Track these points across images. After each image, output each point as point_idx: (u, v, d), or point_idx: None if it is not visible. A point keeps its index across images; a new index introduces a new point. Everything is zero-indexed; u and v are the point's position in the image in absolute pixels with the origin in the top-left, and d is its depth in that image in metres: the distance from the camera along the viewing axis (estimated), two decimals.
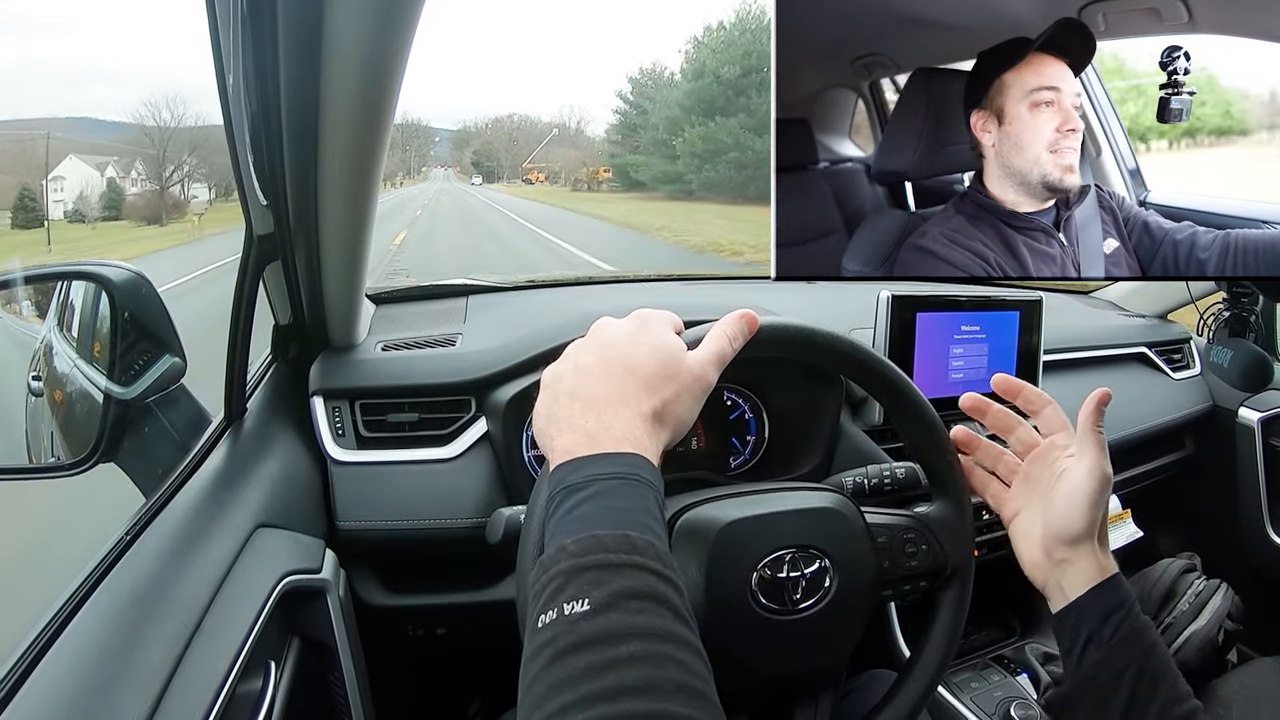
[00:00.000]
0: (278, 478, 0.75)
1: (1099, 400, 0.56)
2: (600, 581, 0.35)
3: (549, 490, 0.41)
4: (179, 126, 38.52)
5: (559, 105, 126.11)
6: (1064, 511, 0.55)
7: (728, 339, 0.50)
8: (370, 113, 0.60)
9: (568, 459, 0.42)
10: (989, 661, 1.09)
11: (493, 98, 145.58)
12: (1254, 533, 1.33)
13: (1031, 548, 0.57)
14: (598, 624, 0.34)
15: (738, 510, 0.57)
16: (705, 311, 0.59)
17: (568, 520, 0.39)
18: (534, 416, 0.48)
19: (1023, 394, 0.60)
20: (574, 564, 0.36)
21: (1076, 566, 0.54)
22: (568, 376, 0.46)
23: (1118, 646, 0.51)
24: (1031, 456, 0.59)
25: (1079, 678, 0.52)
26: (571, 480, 0.40)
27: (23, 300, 0.84)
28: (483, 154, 72.78)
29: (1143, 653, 0.51)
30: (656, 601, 0.36)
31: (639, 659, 0.33)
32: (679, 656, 0.34)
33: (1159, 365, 1.36)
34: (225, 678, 0.51)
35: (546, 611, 0.35)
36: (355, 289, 0.84)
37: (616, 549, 0.37)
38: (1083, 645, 0.53)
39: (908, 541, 0.61)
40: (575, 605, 0.35)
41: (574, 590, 0.35)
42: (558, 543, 0.38)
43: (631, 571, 0.36)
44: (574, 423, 0.44)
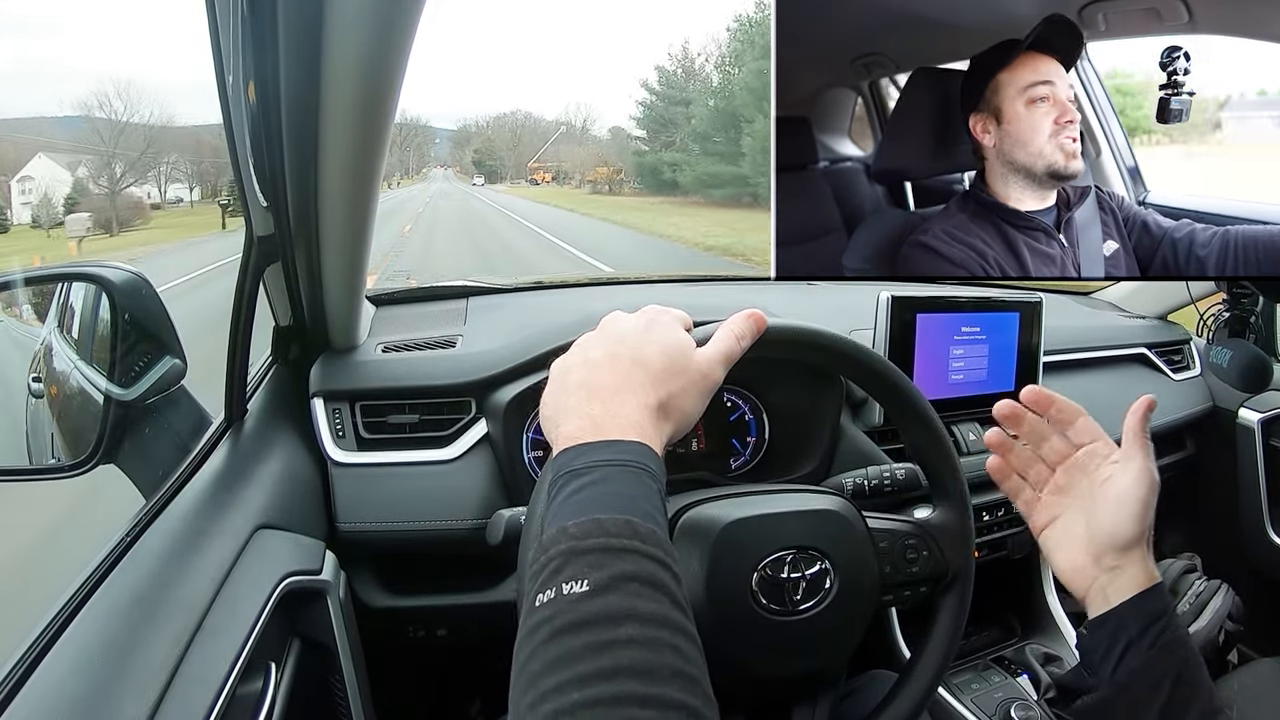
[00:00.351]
0: (278, 479, 0.75)
1: (1146, 407, 0.56)
2: (600, 564, 0.35)
3: (552, 475, 0.41)
4: (142, 122, 33.53)
5: (564, 102, 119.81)
6: (1114, 517, 0.54)
7: (735, 338, 0.51)
8: (370, 114, 0.60)
9: (571, 444, 0.42)
10: (989, 662, 1.09)
11: (494, 95, 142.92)
12: (1254, 533, 1.33)
13: (1074, 555, 0.56)
14: (597, 605, 0.34)
15: (739, 510, 0.57)
16: (709, 312, 0.59)
17: (570, 504, 0.39)
18: (541, 406, 0.48)
19: (1055, 405, 0.60)
20: (574, 545, 0.36)
21: (1126, 573, 0.53)
22: (576, 368, 0.47)
23: (1158, 655, 0.50)
24: (1068, 465, 0.58)
25: (1115, 684, 0.51)
26: (575, 465, 0.40)
27: (22, 302, 0.84)
28: (484, 153, 69.28)
29: (1180, 661, 0.50)
30: (656, 587, 0.35)
31: (637, 642, 0.33)
32: (676, 643, 0.34)
33: (1159, 366, 1.36)
34: (225, 679, 0.51)
35: (545, 590, 0.35)
36: (355, 290, 0.84)
37: (618, 533, 0.36)
38: (1121, 652, 0.52)
39: (909, 547, 0.61)
40: (574, 585, 0.34)
41: (573, 571, 0.35)
42: (558, 525, 0.38)
43: (632, 556, 0.36)
44: (580, 410, 0.44)
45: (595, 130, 64.07)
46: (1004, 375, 1.06)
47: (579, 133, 64.57)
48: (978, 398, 1.04)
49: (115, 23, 39.38)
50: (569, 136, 64.31)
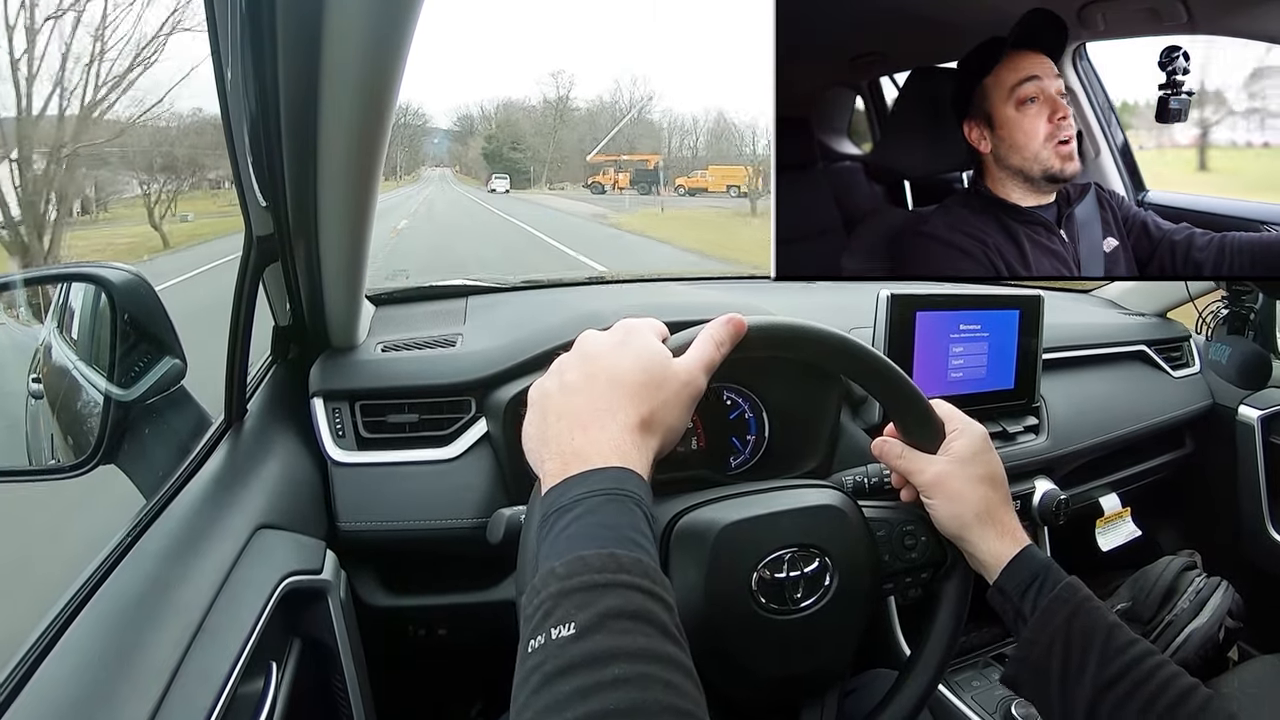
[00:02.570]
0: (278, 479, 0.76)
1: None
2: (586, 604, 0.35)
3: (541, 513, 0.42)
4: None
5: (611, 77, 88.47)
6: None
7: (715, 344, 0.50)
8: (369, 113, 0.60)
9: (557, 481, 0.42)
10: (990, 660, 1.09)
11: (500, 78, 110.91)
12: (1254, 530, 1.33)
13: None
14: (583, 647, 0.34)
15: (736, 512, 0.57)
16: (704, 311, 0.59)
17: (558, 542, 0.39)
18: (524, 436, 0.48)
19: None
20: (561, 587, 0.36)
21: (980, 548, 0.58)
22: (554, 394, 0.47)
23: (1039, 619, 0.53)
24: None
25: (1014, 656, 0.55)
26: (561, 502, 0.41)
27: (22, 303, 0.84)
28: (501, 142, 41.92)
29: (1065, 620, 0.52)
30: (643, 620, 0.36)
31: (624, 681, 0.33)
32: (666, 677, 0.34)
33: (1159, 363, 1.36)
34: (226, 679, 0.51)
35: (536, 636, 0.35)
36: (355, 290, 0.84)
37: (602, 569, 0.37)
38: (1013, 622, 0.57)
39: (907, 534, 0.61)
40: (562, 629, 0.35)
41: (561, 614, 0.35)
42: (547, 566, 0.38)
43: (618, 591, 0.36)
44: (562, 444, 0.44)
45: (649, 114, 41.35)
46: (1004, 373, 1.06)
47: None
48: (977, 395, 1.05)
49: None
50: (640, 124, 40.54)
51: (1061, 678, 0.51)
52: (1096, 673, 0.50)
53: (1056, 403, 1.12)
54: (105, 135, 12.04)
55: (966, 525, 0.57)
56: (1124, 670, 0.49)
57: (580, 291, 1.32)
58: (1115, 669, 0.50)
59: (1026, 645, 0.54)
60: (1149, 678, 0.49)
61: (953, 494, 0.58)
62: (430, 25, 2.42)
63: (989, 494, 0.58)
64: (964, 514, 0.57)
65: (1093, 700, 0.50)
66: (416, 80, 64.82)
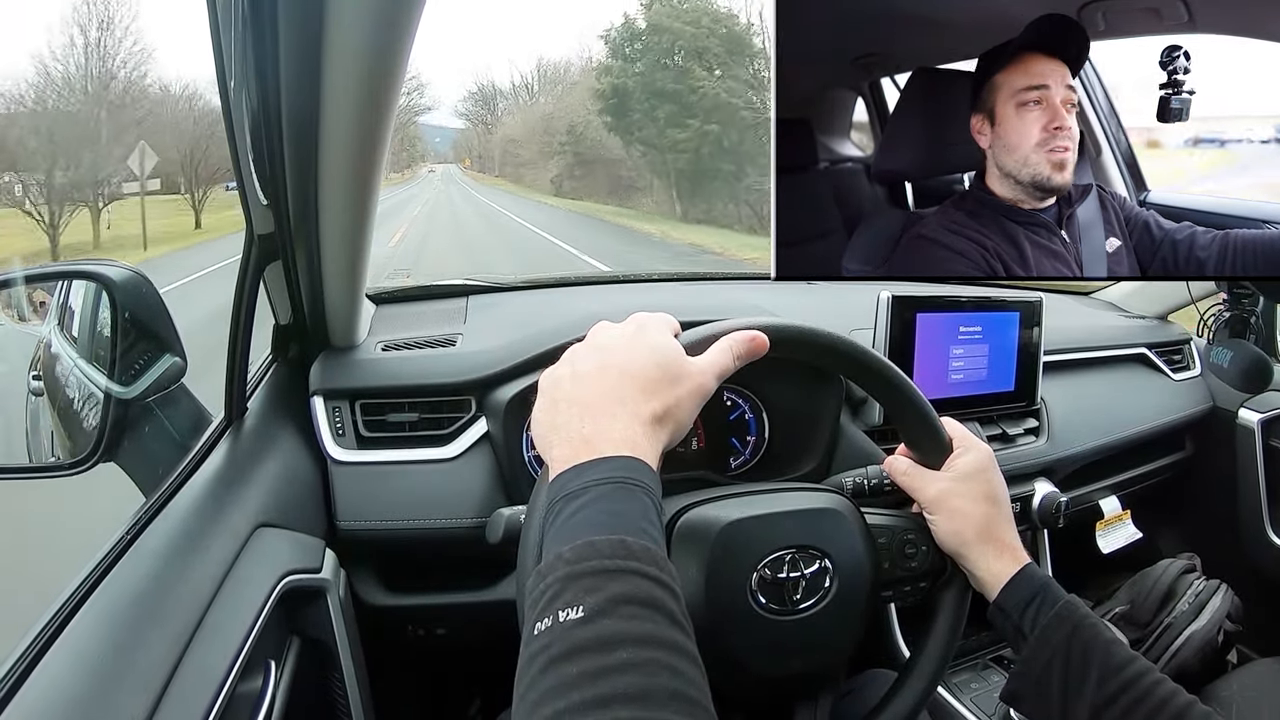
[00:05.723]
0: (278, 477, 0.76)
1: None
2: (595, 588, 0.35)
3: (548, 499, 0.41)
4: None
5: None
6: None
7: (733, 355, 0.50)
8: (371, 112, 0.60)
9: (566, 468, 0.42)
10: (989, 662, 1.09)
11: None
12: (1254, 533, 1.33)
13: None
14: (591, 630, 0.34)
15: (738, 511, 0.57)
16: (707, 312, 0.59)
17: (565, 528, 0.39)
18: (532, 422, 0.48)
19: None
20: (569, 570, 0.36)
21: (979, 566, 0.58)
22: (565, 382, 0.46)
23: (1039, 638, 0.54)
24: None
25: (1014, 673, 0.56)
26: (570, 488, 0.40)
27: (22, 300, 0.84)
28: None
29: (1065, 638, 0.53)
30: (652, 607, 0.35)
31: (631, 666, 0.33)
32: (672, 663, 0.34)
33: (1159, 366, 1.36)
34: (225, 677, 0.51)
35: (542, 619, 0.35)
36: (356, 289, 0.84)
37: (612, 554, 0.37)
38: (1014, 640, 0.57)
39: (908, 543, 0.61)
40: (570, 612, 0.35)
41: (569, 597, 0.35)
42: (554, 550, 0.38)
43: (627, 577, 0.36)
44: (571, 430, 0.44)
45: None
46: (1004, 375, 1.06)
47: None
48: (978, 397, 1.04)
49: None
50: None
51: (1062, 694, 0.52)
52: (1096, 690, 0.51)
53: (1057, 405, 1.12)
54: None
55: (967, 543, 0.58)
56: (1123, 687, 0.50)
57: (581, 291, 1.33)
58: (1114, 686, 0.51)
59: (1027, 662, 0.54)
60: (1147, 695, 0.50)
61: (954, 511, 0.58)
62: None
63: (990, 511, 0.58)
64: (964, 531, 0.58)
65: (1092, 717, 0.51)
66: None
